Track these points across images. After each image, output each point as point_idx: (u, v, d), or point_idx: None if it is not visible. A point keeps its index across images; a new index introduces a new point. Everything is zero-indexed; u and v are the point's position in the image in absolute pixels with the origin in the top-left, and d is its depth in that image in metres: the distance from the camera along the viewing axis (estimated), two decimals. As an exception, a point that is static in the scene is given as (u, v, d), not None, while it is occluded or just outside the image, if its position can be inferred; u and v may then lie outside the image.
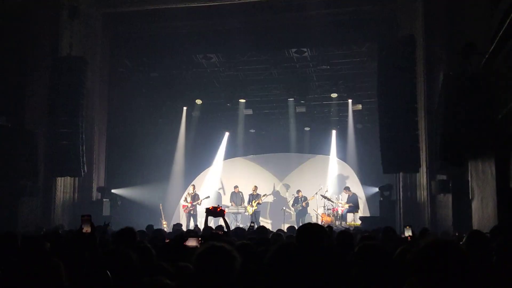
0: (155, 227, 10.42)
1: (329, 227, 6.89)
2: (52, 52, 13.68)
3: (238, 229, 9.12)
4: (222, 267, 2.75)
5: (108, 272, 2.99)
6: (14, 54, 12.63)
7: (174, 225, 11.40)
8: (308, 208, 17.23)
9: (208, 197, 17.32)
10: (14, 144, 12.36)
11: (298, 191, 17.46)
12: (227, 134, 20.21)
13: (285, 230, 9.92)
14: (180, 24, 14.61)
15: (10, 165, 12.25)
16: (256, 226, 9.81)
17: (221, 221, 7.84)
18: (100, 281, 2.96)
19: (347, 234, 4.91)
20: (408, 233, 5.25)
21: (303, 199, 17.20)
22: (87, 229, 3.96)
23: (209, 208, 7.72)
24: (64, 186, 13.99)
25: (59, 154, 13.31)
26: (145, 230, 9.00)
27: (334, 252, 3.75)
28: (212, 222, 14.76)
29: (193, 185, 17.43)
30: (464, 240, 4.10)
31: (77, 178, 14.27)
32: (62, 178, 13.88)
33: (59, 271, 2.85)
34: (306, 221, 16.23)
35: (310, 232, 3.31)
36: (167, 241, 6.11)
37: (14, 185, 12.32)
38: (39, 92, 13.29)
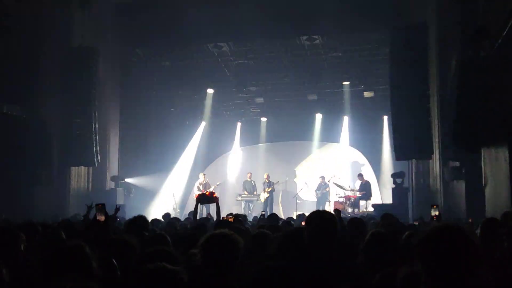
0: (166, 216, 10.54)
1: (337, 210, 6.86)
2: (64, 43, 13.77)
3: (240, 215, 9.14)
4: (225, 252, 2.80)
5: (114, 261, 3.04)
6: (27, 45, 12.71)
7: (188, 213, 11.48)
8: (328, 195, 17.07)
9: (219, 183, 17.37)
10: (28, 134, 12.50)
11: (321, 177, 17.31)
12: (239, 124, 20.25)
13: (295, 218, 9.97)
14: (191, 13, 14.58)
15: (25, 155, 12.40)
16: (267, 214, 9.86)
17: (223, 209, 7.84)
18: (107, 269, 3.00)
19: (358, 221, 4.91)
20: (434, 212, 5.29)
21: (324, 185, 17.10)
22: (101, 217, 4.02)
23: (199, 195, 7.68)
24: (78, 176, 14.16)
25: (73, 144, 13.47)
26: (160, 218, 9.10)
27: (344, 239, 3.76)
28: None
29: (204, 174, 17.44)
30: (479, 228, 4.09)
31: (90, 168, 14.43)
32: (76, 167, 14.04)
33: (87, 254, 2.88)
34: (326, 208, 16.26)
35: (320, 220, 3.30)
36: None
37: (28, 175, 12.48)
38: (52, 83, 13.40)
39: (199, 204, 7.75)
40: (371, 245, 3.06)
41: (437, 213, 5.26)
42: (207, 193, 7.34)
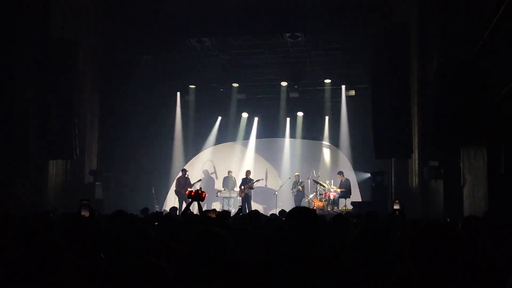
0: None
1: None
2: (44, 34, 13.53)
3: (224, 212, 9.14)
4: (216, 250, 2.77)
5: (102, 255, 3.00)
6: (5, 35, 12.46)
7: (170, 209, 11.42)
8: (305, 191, 17.24)
9: (200, 180, 17.31)
10: (5, 126, 12.26)
11: (296, 175, 17.46)
12: (219, 118, 20.18)
13: (277, 215, 9.99)
14: (174, 7, 14.48)
15: (1, 147, 12.16)
16: (246, 211, 9.86)
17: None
18: (95, 263, 2.96)
19: (341, 218, 4.94)
20: (396, 207, 5.35)
21: (299, 182, 17.23)
22: (85, 213, 3.98)
23: (194, 191, 7.56)
24: (56, 169, 13.94)
25: (51, 137, 13.26)
26: (138, 213, 9.02)
27: (328, 236, 3.77)
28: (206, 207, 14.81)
29: (184, 170, 17.39)
30: (459, 226, 4.16)
31: (69, 161, 14.22)
32: (54, 161, 13.83)
33: (62, 249, 2.84)
34: (302, 205, 16.35)
35: (300, 216, 3.30)
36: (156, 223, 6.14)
37: (5, 168, 12.24)
38: (32, 74, 13.16)
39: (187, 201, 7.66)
40: (360, 241, 3.07)
41: (398, 207, 5.35)
42: (199, 191, 7.22)
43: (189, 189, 15.04)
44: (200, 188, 8.17)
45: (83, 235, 3.56)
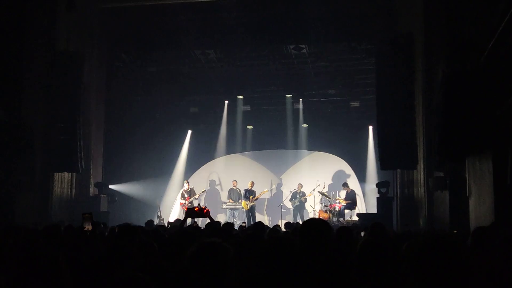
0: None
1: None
2: (49, 47, 13.62)
3: (227, 224, 9.10)
4: (215, 263, 2.72)
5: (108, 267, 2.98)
6: (11, 48, 12.54)
7: (175, 220, 11.38)
8: (305, 203, 17.21)
9: (205, 191, 17.26)
10: (10, 138, 12.29)
11: (298, 185, 17.41)
12: (224, 129, 20.08)
13: (282, 227, 9.95)
14: (178, 19, 14.57)
15: (7, 160, 12.18)
16: (251, 222, 9.80)
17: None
18: (100, 276, 2.95)
19: (346, 230, 4.91)
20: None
21: (301, 194, 17.18)
22: (88, 227, 3.95)
23: (190, 209, 7.56)
24: (61, 182, 13.97)
25: (57, 149, 13.30)
26: (143, 225, 8.99)
27: (334, 248, 3.74)
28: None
29: (187, 182, 17.32)
30: (470, 238, 4.11)
31: (74, 174, 14.25)
32: (60, 173, 13.85)
33: (60, 265, 2.83)
34: (304, 216, 16.30)
35: (314, 229, 3.26)
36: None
37: (10, 180, 12.25)
38: (37, 87, 13.23)
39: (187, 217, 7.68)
40: (364, 255, 3.04)
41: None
42: (196, 209, 7.20)
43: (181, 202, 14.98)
44: (199, 204, 8.12)
45: (85, 249, 3.54)
